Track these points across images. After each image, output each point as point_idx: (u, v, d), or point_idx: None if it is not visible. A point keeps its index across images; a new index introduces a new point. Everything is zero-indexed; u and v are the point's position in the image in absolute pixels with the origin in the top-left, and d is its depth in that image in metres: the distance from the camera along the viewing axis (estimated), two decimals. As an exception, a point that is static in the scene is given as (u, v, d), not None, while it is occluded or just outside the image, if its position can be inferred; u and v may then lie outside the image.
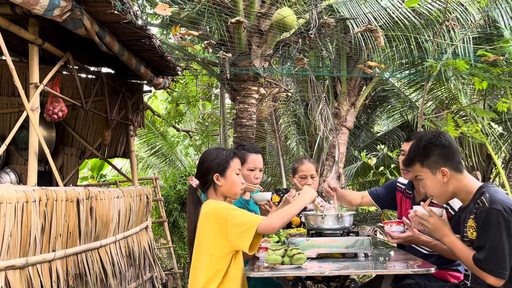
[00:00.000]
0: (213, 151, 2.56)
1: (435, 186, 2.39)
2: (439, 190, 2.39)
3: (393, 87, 9.42)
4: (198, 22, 5.73)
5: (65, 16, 2.87)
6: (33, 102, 3.11)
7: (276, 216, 2.32)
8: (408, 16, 5.45)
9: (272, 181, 9.19)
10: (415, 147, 2.45)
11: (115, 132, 5.06)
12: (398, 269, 2.34)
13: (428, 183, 2.41)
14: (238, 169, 2.54)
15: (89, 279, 3.15)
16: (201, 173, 2.53)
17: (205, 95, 10.40)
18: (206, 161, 2.52)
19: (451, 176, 2.35)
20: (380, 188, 3.36)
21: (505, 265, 2.15)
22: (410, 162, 2.48)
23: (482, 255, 2.18)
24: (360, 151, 7.07)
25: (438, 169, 2.36)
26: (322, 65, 6.86)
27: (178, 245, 6.52)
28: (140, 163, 11.17)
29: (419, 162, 2.42)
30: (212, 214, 2.35)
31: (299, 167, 3.73)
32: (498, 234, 2.14)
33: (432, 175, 2.38)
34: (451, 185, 2.36)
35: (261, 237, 2.34)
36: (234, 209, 2.35)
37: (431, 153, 2.37)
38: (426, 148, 2.40)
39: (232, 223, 2.28)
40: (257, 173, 3.34)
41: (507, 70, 4.74)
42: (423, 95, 5.14)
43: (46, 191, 2.70)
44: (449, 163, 2.35)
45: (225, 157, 2.51)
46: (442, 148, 2.37)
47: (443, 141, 2.38)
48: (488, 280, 2.18)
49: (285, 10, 5.19)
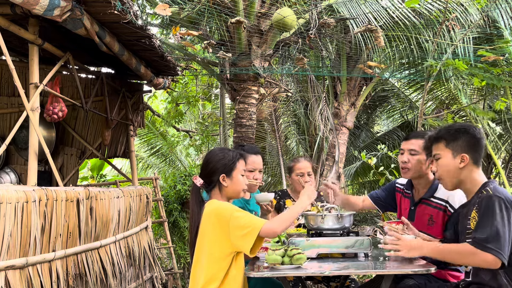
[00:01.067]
0: (219, 152, 2.56)
1: (449, 169, 2.43)
2: (451, 174, 2.43)
3: (393, 87, 9.41)
4: (198, 22, 5.73)
5: (65, 16, 2.87)
6: (33, 102, 3.11)
7: (278, 221, 2.33)
8: (408, 16, 5.45)
9: (272, 181, 9.18)
10: (447, 127, 2.50)
11: (115, 132, 5.06)
12: (398, 269, 2.34)
13: (444, 163, 2.45)
14: (243, 170, 2.55)
15: (89, 279, 3.15)
16: (206, 173, 2.53)
17: (205, 95, 10.40)
18: (212, 161, 2.52)
19: (468, 165, 2.40)
20: (379, 191, 3.35)
21: (504, 248, 2.17)
22: (437, 139, 2.50)
23: (484, 234, 2.19)
24: (360, 151, 7.06)
25: (459, 154, 2.40)
26: (322, 65, 6.86)
27: (178, 245, 6.52)
28: (140, 163, 11.17)
29: (445, 141, 2.45)
30: (214, 214, 2.35)
31: (295, 165, 3.75)
32: (500, 218, 2.19)
33: (451, 157, 2.42)
34: (463, 173, 2.41)
35: (262, 241, 2.34)
36: (237, 211, 2.35)
37: (461, 137, 2.42)
38: (458, 131, 2.44)
39: (235, 225, 2.28)
40: (257, 174, 3.31)
41: (507, 70, 4.74)
42: (423, 95, 5.14)
43: (46, 191, 2.69)
44: (472, 153, 2.40)
45: (232, 158, 2.52)
46: (472, 137, 2.41)
47: (476, 132, 2.43)
48: (487, 259, 2.18)
49: (285, 10, 5.19)
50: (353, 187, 10.46)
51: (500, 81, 4.51)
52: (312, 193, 2.56)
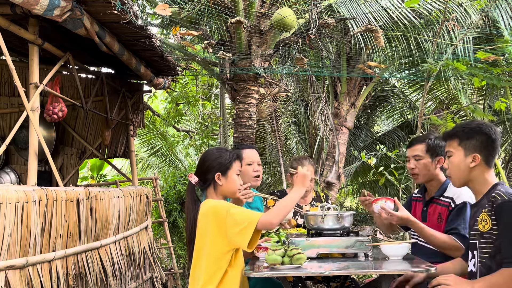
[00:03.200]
0: (215, 151, 2.60)
1: (459, 168, 2.40)
2: (461, 173, 2.40)
3: (393, 87, 9.42)
4: (198, 22, 5.73)
5: (65, 16, 2.87)
6: (33, 102, 3.11)
7: (274, 212, 2.33)
8: (408, 16, 5.45)
9: (272, 181, 9.18)
10: (464, 124, 2.45)
11: (115, 132, 5.06)
12: (398, 269, 2.34)
13: (455, 161, 2.41)
14: (238, 170, 2.58)
15: (89, 279, 3.15)
16: (202, 171, 2.55)
17: (205, 95, 10.40)
18: (208, 160, 2.55)
19: (479, 165, 2.35)
20: None
21: None
22: (450, 136, 2.46)
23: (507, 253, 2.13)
24: (360, 151, 7.05)
25: (471, 153, 2.36)
26: (322, 65, 6.86)
27: (178, 245, 6.52)
28: (140, 163, 11.17)
29: (458, 139, 2.41)
30: (211, 212, 2.36)
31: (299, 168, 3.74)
32: None
33: (463, 156, 2.38)
34: (474, 172, 2.37)
35: (260, 234, 2.34)
36: (233, 207, 2.37)
37: (475, 136, 2.37)
38: (473, 130, 2.39)
39: (231, 222, 2.29)
40: (255, 167, 3.33)
41: (507, 70, 4.74)
42: (423, 95, 5.14)
43: (46, 191, 2.70)
44: (485, 153, 2.35)
45: (228, 157, 2.55)
46: (487, 137, 2.36)
47: (491, 132, 2.37)
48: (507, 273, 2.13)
49: (285, 10, 5.19)
50: (353, 187, 10.47)
51: (500, 81, 4.51)
52: (305, 179, 2.52)
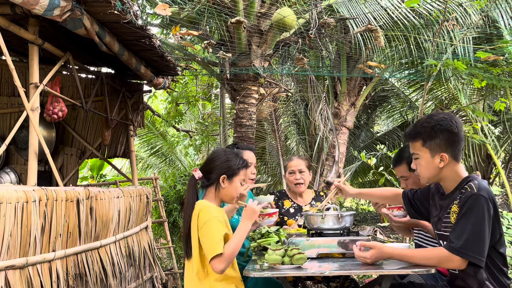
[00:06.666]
0: (228, 153, 2.58)
1: (428, 168, 2.34)
2: (431, 173, 2.34)
3: (393, 87, 9.42)
4: (198, 22, 5.73)
5: (65, 16, 2.87)
6: (33, 102, 3.11)
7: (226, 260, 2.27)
8: (408, 16, 5.45)
9: (272, 181, 9.19)
10: (424, 123, 2.35)
11: (115, 132, 5.06)
12: (398, 269, 2.34)
13: (423, 163, 2.35)
14: (243, 179, 2.59)
15: (89, 279, 3.15)
16: (209, 168, 2.54)
17: (205, 95, 10.40)
18: (218, 160, 2.54)
19: (448, 163, 2.30)
20: None
21: (483, 251, 2.13)
22: (412, 137, 2.38)
23: (461, 240, 2.13)
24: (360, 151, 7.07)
25: (438, 153, 2.30)
26: (322, 65, 6.86)
27: (178, 245, 6.52)
28: (140, 163, 11.17)
29: (421, 140, 2.34)
30: (197, 213, 2.40)
31: (288, 163, 3.82)
32: (481, 219, 2.12)
33: (429, 157, 2.32)
34: (444, 171, 2.32)
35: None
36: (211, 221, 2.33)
37: (438, 135, 2.29)
38: (434, 129, 2.30)
39: (202, 234, 2.34)
40: (252, 169, 3.48)
41: (507, 70, 4.74)
42: (423, 95, 5.14)
43: (46, 191, 2.69)
44: (451, 150, 2.29)
45: (238, 164, 2.54)
46: (450, 133, 2.29)
47: (453, 126, 2.29)
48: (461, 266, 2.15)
49: (285, 10, 5.19)
50: (353, 187, 10.45)
51: (500, 81, 4.51)
52: (253, 213, 2.46)
